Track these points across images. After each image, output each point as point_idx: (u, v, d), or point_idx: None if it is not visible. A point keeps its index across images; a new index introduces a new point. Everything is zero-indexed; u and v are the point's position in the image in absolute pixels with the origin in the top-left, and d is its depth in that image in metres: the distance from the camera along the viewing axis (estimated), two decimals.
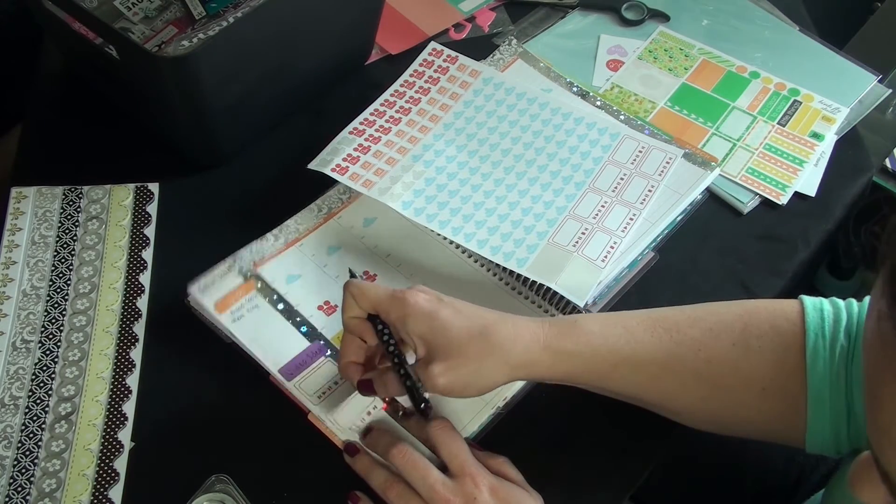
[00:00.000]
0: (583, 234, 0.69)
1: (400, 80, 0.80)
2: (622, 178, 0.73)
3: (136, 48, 0.64)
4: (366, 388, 0.58)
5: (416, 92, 0.79)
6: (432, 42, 0.83)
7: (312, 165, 0.73)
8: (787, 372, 0.54)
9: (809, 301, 0.56)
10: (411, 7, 0.88)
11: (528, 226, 0.70)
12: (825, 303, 0.56)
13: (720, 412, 0.57)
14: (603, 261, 0.68)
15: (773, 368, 0.55)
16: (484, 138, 0.76)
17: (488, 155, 0.75)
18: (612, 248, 0.69)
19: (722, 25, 0.89)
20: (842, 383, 0.53)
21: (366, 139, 0.74)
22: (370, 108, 0.77)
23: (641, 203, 0.72)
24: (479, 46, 0.86)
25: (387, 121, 0.76)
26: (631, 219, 0.70)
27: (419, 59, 0.81)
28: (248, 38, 0.66)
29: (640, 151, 0.75)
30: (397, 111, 0.77)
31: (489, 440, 0.61)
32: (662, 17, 0.88)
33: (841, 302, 0.56)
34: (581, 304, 0.65)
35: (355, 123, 0.76)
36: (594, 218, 0.70)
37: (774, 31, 0.89)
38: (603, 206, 0.71)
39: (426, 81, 0.80)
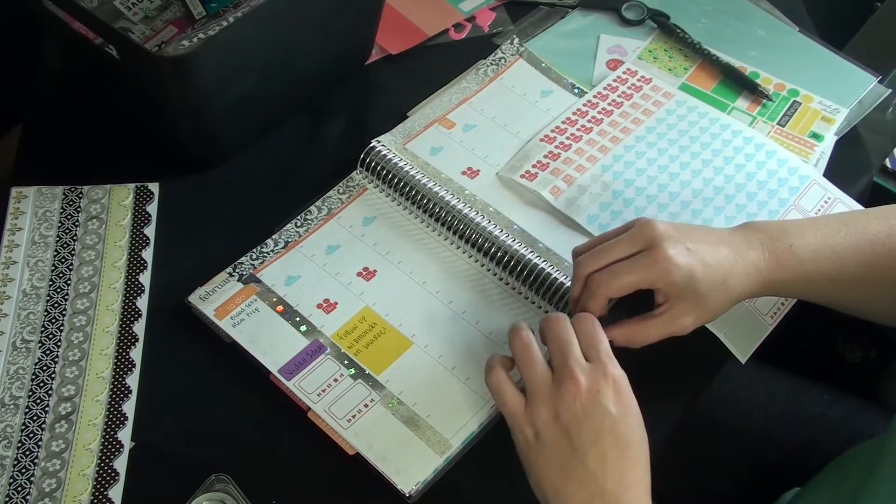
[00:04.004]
0: None
1: (591, 93, 0.80)
2: None
3: (136, 48, 0.64)
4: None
5: (609, 104, 0.79)
6: (626, 63, 0.83)
7: (502, 172, 0.74)
8: None
9: None
10: (411, 7, 0.88)
11: None
12: None
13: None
14: (772, 317, 0.67)
15: None
16: (675, 155, 0.75)
17: (678, 173, 0.74)
18: (782, 304, 0.68)
19: (721, 26, 0.89)
20: None
21: (556, 146, 0.75)
22: (561, 117, 0.78)
23: None
24: (479, 46, 0.86)
25: (578, 129, 0.77)
26: None
27: (611, 77, 0.82)
28: (248, 38, 0.66)
29: (826, 202, 0.73)
30: (589, 121, 0.78)
31: (490, 438, 0.61)
32: (662, 16, 0.88)
33: None
34: (743, 360, 0.66)
35: (546, 131, 0.77)
36: None
37: (774, 32, 0.89)
38: None
39: (619, 96, 0.80)
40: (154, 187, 0.73)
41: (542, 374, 0.54)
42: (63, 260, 0.68)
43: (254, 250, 0.69)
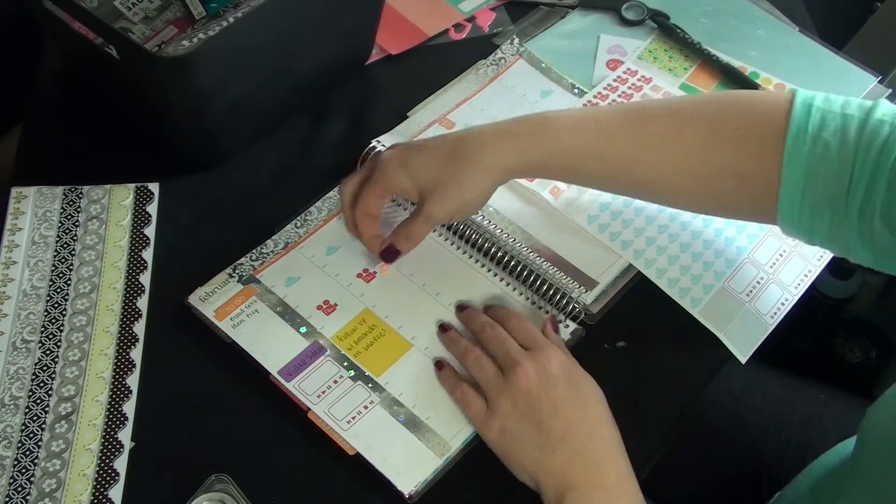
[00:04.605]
0: (758, 283, 0.68)
1: (591, 93, 0.80)
2: None
3: (136, 48, 0.64)
4: (392, 254, 0.65)
5: (609, 104, 0.79)
6: (626, 63, 0.83)
7: None
8: (764, 162, 0.56)
9: (802, 96, 0.57)
10: (411, 7, 0.88)
11: (707, 261, 0.69)
12: (818, 99, 0.57)
13: (701, 200, 0.62)
14: (772, 317, 0.67)
15: (751, 158, 0.57)
16: None
17: None
18: (782, 305, 0.67)
19: (721, 26, 0.89)
20: (818, 180, 0.55)
21: None
22: None
23: (819, 259, 0.70)
24: (479, 46, 0.86)
25: None
26: (805, 275, 0.69)
27: (611, 77, 0.81)
28: (248, 38, 0.66)
29: None
30: None
31: (484, 446, 0.61)
32: (662, 16, 0.88)
33: (838, 103, 0.56)
34: (743, 360, 0.65)
35: None
36: (771, 267, 0.69)
37: (774, 32, 0.89)
38: (781, 256, 0.70)
39: (619, 96, 0.80)
40: (154, 187, 0.73)
41: (495, 372, 0.60)
42: (63, 260, 0.68)
43: (254, 251, 0.69)
